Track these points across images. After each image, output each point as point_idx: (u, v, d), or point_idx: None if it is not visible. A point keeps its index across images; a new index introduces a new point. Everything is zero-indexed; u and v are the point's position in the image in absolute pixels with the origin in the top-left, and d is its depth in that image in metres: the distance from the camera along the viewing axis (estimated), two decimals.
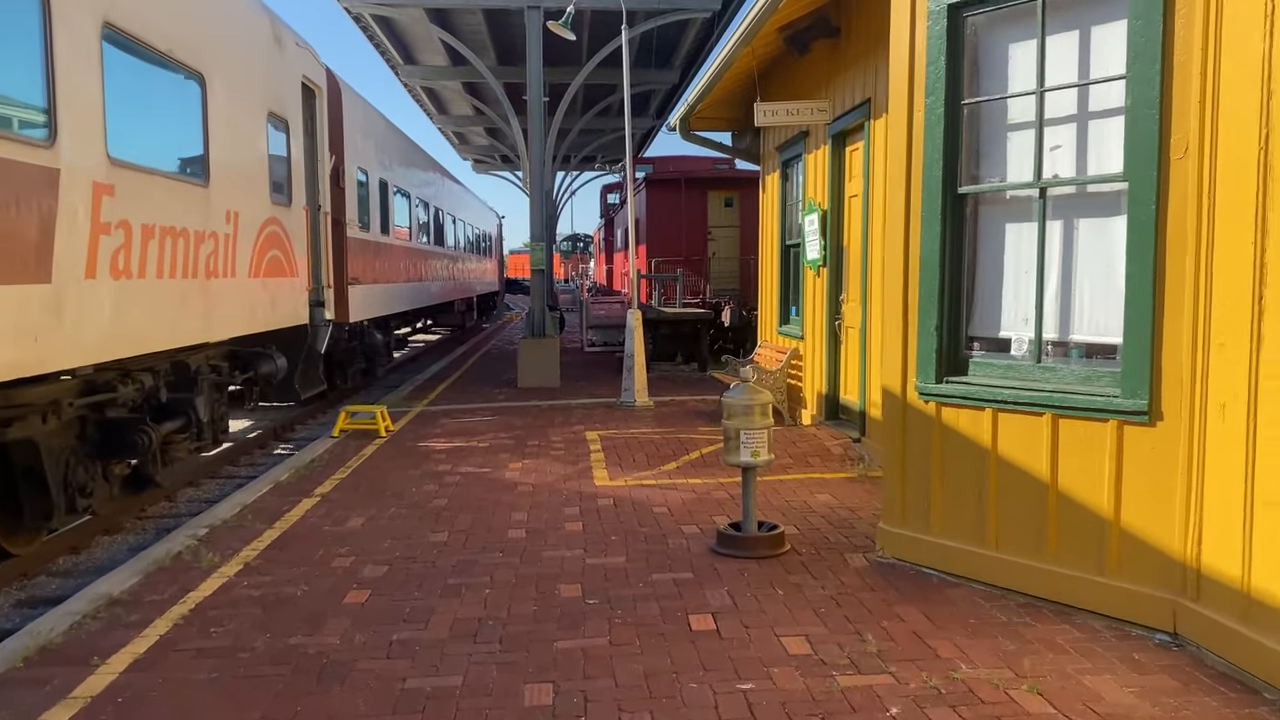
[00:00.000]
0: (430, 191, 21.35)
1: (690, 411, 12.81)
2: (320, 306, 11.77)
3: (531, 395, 14.80)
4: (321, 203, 11.72)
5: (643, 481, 8.49)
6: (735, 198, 21.88)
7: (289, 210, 10.22)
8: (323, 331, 11.80)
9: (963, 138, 5.64)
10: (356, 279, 13.57)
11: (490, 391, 15.33)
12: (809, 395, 11.33)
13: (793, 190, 12.35)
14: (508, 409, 13.30)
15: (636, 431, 11.15)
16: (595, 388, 15.62)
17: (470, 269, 29.66)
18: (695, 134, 13.98)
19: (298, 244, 10.47)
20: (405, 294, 17.81)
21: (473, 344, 26.47)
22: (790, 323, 12.40)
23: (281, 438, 12.78)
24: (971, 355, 5.69)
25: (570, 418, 12.40)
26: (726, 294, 21.19)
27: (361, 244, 14.06)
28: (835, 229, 10.39)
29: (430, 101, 26.66)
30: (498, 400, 14.31)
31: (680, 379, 16.76)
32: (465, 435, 11.15)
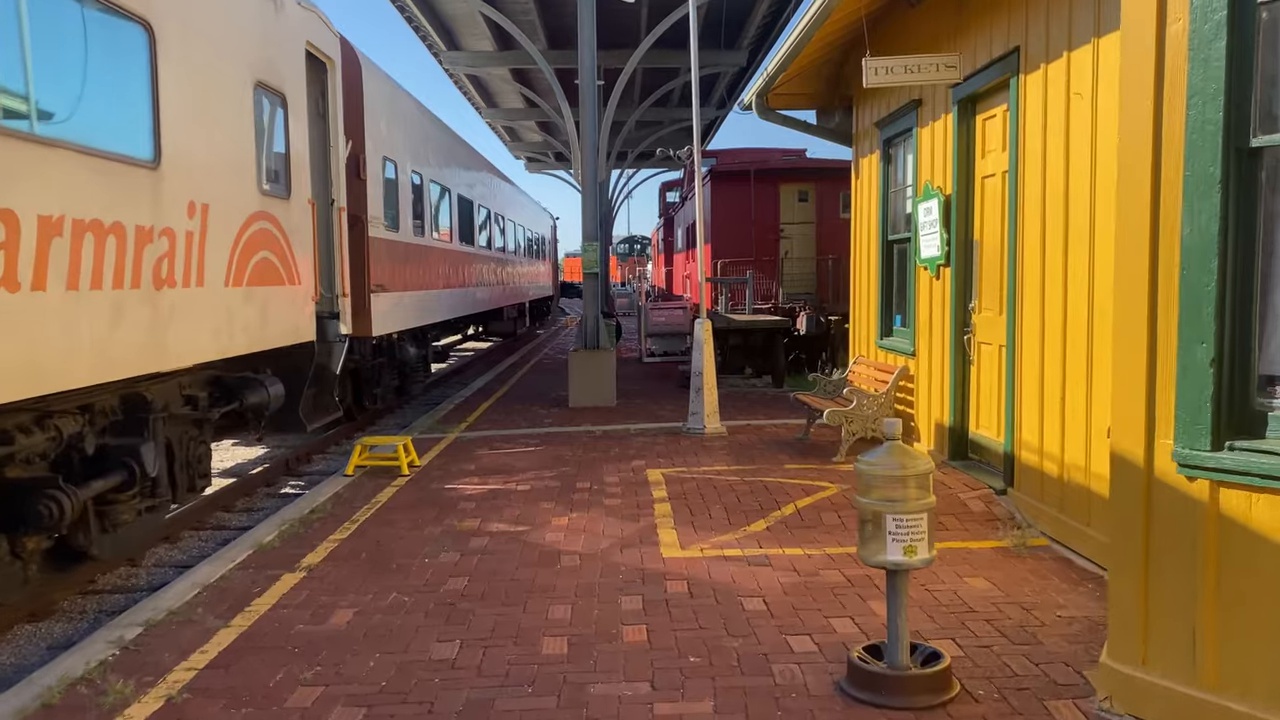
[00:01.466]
0: (476, 189, 19.54)
1: (770, 440, 10.73)
2: (334, 319, 9.94)
3: (583, 417, 12.85)
4: (335, 197, 9.89)
5: (724, 551, 6.45)
6: (810, 191, 19.72)
7: (288, 204, 8.39)
8: (337, 349, 9.97)
9: (1257, 61, 3.52)
10: (382, 286, 11.74)
11: (537, 412, 13.41)
12: (923, 426, 9.18)
13: (898, 174, 10.21)
14: (556, 436, 11.36)
15: (709, 469, 9.12)
16: (656, 407, 13.61)
17: (522, 273, 27.89)
18: (774, 112, 11.90)
19: (300, 245, 8.64)
20: (445, 302, 16.00)
21: (524, 353, 24.66)
22: (894, 335, 10.25)
23: (295, 471, 10.98)
24: (1272, 405, 3.56)
25: (628, 448, 10.41)
26: (801, 299, 19.05)
27: (389, 246, 12.23)
28: (962, 219, 8.26)
29: (478, 93, 24.93)
30: (545, 424, 12.37)
31: (752, 397, 14.67)
32: (503, 474, 9.22)
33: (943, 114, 8.60)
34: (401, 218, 12.87)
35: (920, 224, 9.01)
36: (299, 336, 8.59)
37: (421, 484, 8.88)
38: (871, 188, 10.86)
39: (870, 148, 10.90)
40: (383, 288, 11.71)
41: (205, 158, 6.81)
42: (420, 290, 13.93)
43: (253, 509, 9.34)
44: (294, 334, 8.48)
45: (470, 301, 18.62)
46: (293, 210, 8.49)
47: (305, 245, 8.80)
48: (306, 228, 8.86)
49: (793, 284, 19.32)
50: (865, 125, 11.10)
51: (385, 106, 12.28)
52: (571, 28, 16.69)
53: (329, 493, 8.58)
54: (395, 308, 12.48)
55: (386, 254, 12.00)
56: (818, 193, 19.66)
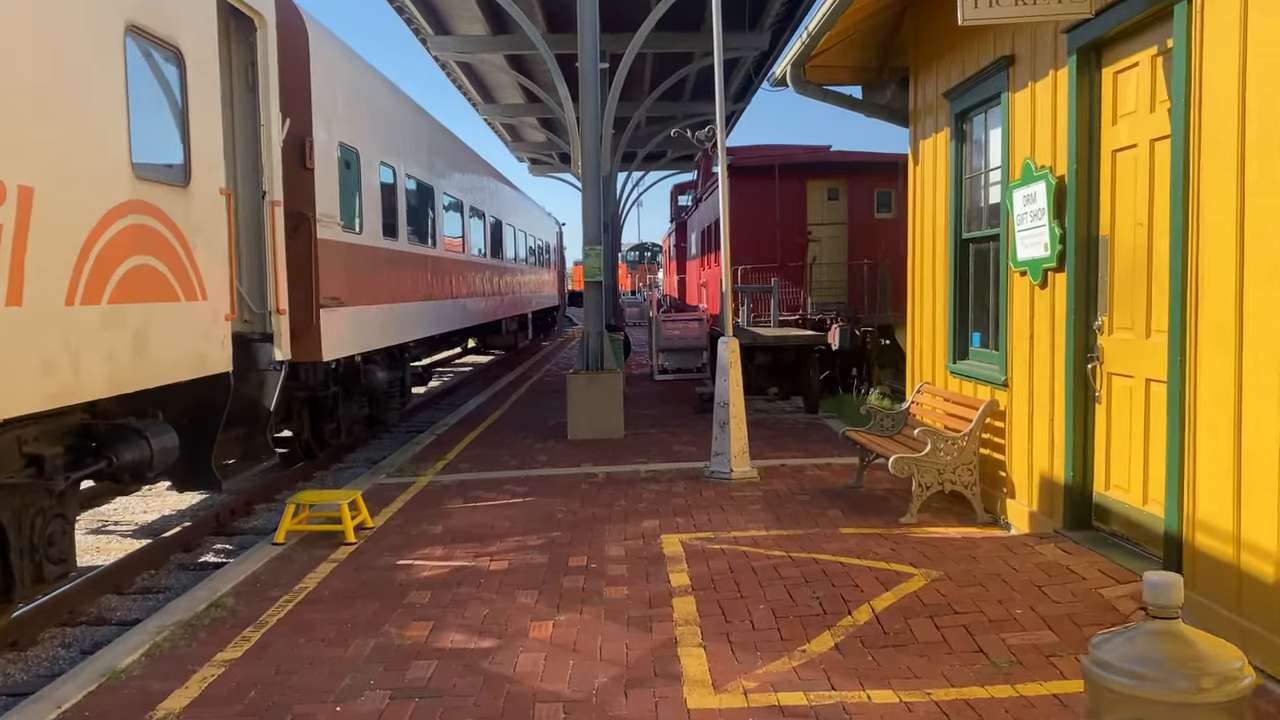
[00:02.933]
0: (468, 190, 17.51)
1: (813, 489, 8.62)
2: (265, 343, 7.88)
3: (585, 453, 10.77)
4: (268, 188, 7.85)
5: (780, 697, 4.33)
6: (841, 188, 17.63)
7: (185, 194, 6.35)
8: (271, 380, 7.92)
9: None
10: (337, 299, 9.69)
11: (531, 446, 11.33)
12: (1020, 480, 7.06)
13: (977, 155, 8.11)
14: (549, 481, 9.27)
15: (742, 536, 7.02)
16: (671, 440, 11.52)
17: (524, 282, 25.85)
18: (813, 86, 9.80)
19: (206, 248, 6.59)
20: (427, 316, 13.94)
21: (524, 369, 22.61)
22: (972, 358, 8.14)
23: (226, 527, 8.92)
24: None
25: (637, 500, 8.33)
26: (832, 309, 16.95)
27: (348, 251, 10.18)
28: (1083, 207, 6.16)
29: (473, 86, 22.94)
30: (538, 462, 10.29)
31: (782, 425, 12.56)
32: (476, 541, 7.15)
33: (1050, 70, 6.50)
34: (366, 218, 10.81)
35: (1017, 216, 6.90)
36: (204, 368, 6.53)
37: (367, 559, 6.81)
38: (938, 174, 8.76)
39: (936, 125, 8.80)
40: (338, 301, 9.65)
41: (20, 118, 4.76)
42: (392, 303, 11.86)
43: (154, 589, 7.28)
44: (195, 365, 6.42)
45: (460, 314, 16.56)
46: (195, 202, 6.44)
47: (216, 248, 6.75)
48: (219, 225, 6.82)
49: (822, 292, 17.22)
50: (928, 98, 9.00)
51: (344, 83, 10.24)
52: (572, 9, 14.67)
53: (242, 573, 6.51)
54: (356, 325, 10.42)
55: (344, 260, 9.94)
56: (849, 190, 17.56)
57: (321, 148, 9.34)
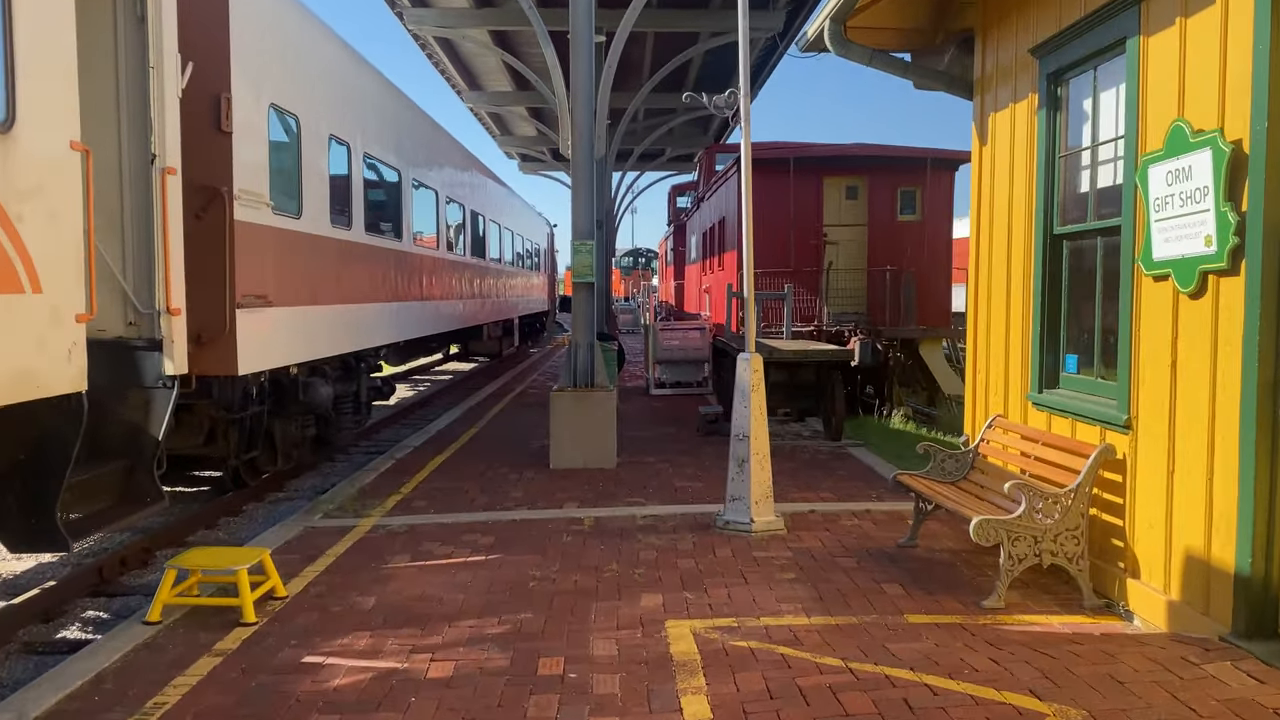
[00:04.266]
0: (447, 180, 15.66)
1: (857, 548, 6.80)
2: (151, 352, 6.02)
3: (569, 489, 8.93)
4: (157, 150, 5.98)
5: None
6: (861, 185, 15.83)
7: (4, 141, 4.48)
8: (159, 400, 6.06)
9: None
10: (263, 297, 7.81)
11: (504, 478, 9.48)
12: (1150, 552, 5.24)
13: (1077, 125, 6.30)
14: (522, 529, 7.43)
15: (777, 628, 5.19)
16: (673, 471, 9.69)
17: (511, 285, 23.98)
18: (856, 47, 7.99)
19: (39, 220, 4.73)
20: (392, 319, 12.07)
21: (508, 378, 20.74)
22: (1066, 386, 6.33)
23: (108, 585, 7.04)
24: None
25: (634, 562, 6.49)
26: (850, 320, 15.14)
27: (281, 239, 8.31)
28: (1275, 185, 4.35)
29: (457, 70, 21.09)
30: (511, 501, 8.45)
31: (801, 455, 10.73)
32: (414, 627, 5.30)
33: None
34: (309, 200, 8.93)
35: (1155, 201, 5.10)
36: (29, 389, 4.65)
37: (264, 652, 4.95)
38: (1016, 154, 6.95)
39: (1015, 92, 6.99)
40: (263, 300, 7.77)
41: None
42: (343, 304, 9.98)
43: None
44: (13, 385, 4.55)
45: (434, 318, 14.69)
46: (21, 156, 4.58)
47: (61, 222, 4.88)
48: (67, 192, 4.95)
49: (840, 301, 15.41)
50: (1003, 59, 7.20)
51: (282, 32, 8.37)
52: None
53: (82, 674, 4.66)
54: (291, 330, 8.53)
55: (274, 250, 8.06)
56: (870, 188, 15.77)
57: (245, 108, 7.47)
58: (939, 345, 15.23)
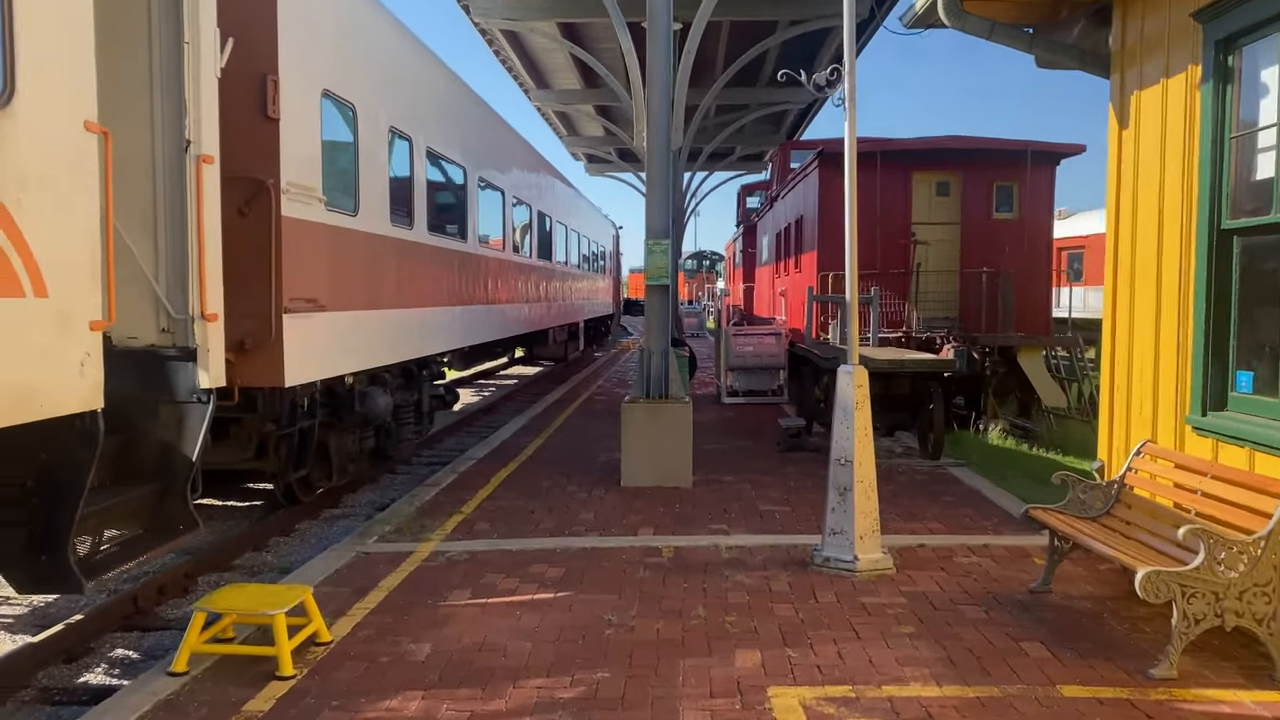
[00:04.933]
0: (513, 179, 15.01)
1: (980, 591, 5.89)
2: (183, 362, 5.37)
3: (643, 511, 8.13)
4: (192, 135, 5.34)
5: None
6: (953, 181, 14.78)
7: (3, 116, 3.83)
8: (193, 417, 5.42)
9: None
10: (314, 300, 7.15)
11: (572, 496, 8.72)
12: None
13: (1254, 99, 5.32)
14: (594, 559, 6.65)
15: (904, 700, 4.33)
16: (756, 493, 8.84)
17: (576, 289, 23.33)
18: (973, 19, 7.06)
19: (45, 212, 4.07)
20: (455, 324, 11.41)
21: (574, 384, 20.03)
22: (1239, 408, 5.35)
23: (142, 617, 6.43)
24: None
25: (722, 606, 5.67)
26: (941, 325, 14.12)
27: (334, 237, 7.65)
28: None
29: (525, 68, 20.48)
30: (580, 524, 7.69)
31: (897, 475, 9.79)
32: (473, 686, 4.55)
33: None
34: (365, 196, 8.27)
35: None
36: (30, 409, 3.99)
37: (300, 717, 4.24)
38: (1171, 137, 5.98)
39: (1169, 65, 6.01)
40: (315, 304, 7.11)
41: None
42: (402, 308, 9.32)
43: None
44: (12, 405, 3.89)
45: (499, 323, 14.04)
46: (23, 135, 3.93)
47: (74, 214, 4.24)
48: (80, 179, 4.30)
49: (929, 305, 14.39)
50: (1153, 27, 6.22)
51: (331, 10, 7.70)
52: None
53: None
54: (346, 336, 7.87)
55: (327, 249, 7.40)
56: (964, 184, 14.72)
57: (294, 92, 6.81)
58: (1039, 354, 14.12)
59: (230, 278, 5.98)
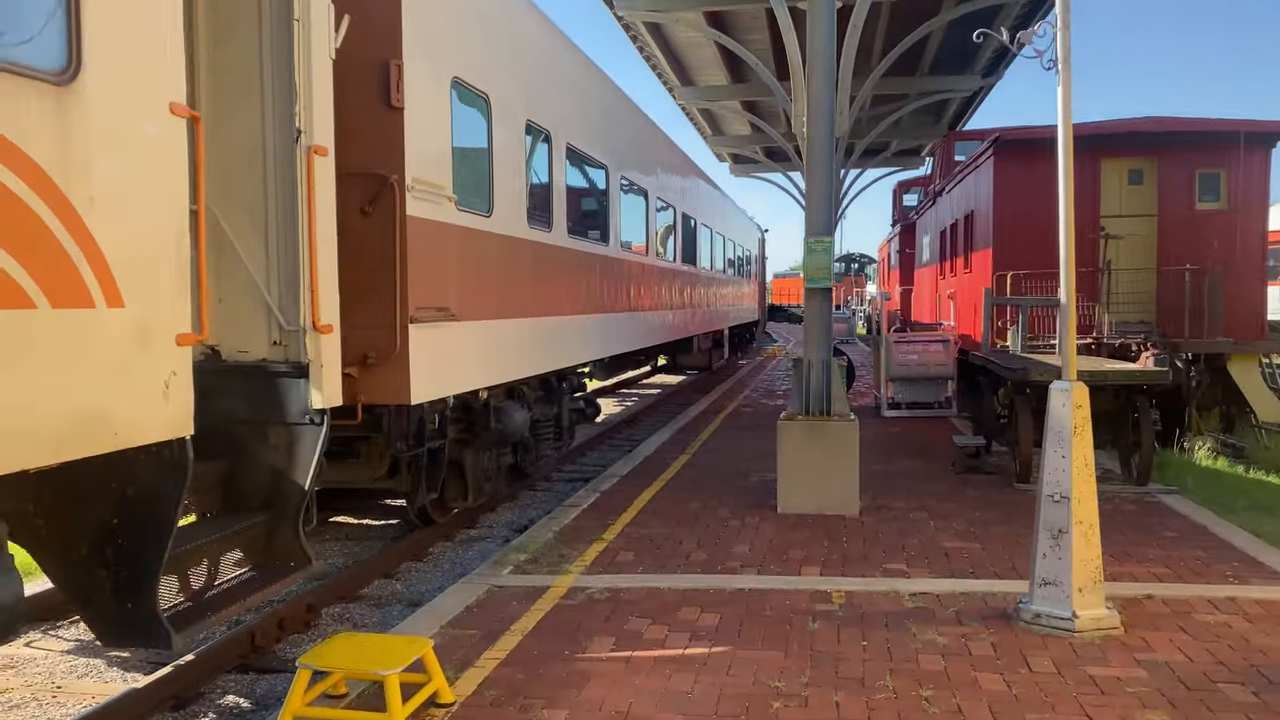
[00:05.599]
0: (657, 179, 14.30)
1: (1237, 661, 4.70)
2: (296, 379, 4.80)
3: (805, 544, 7.18)
4: (303, 125, 4.76)
5: None
6: (1148, 169, 13.16)
7: (61, 96, 3.25)
8: (305, 440, 4.85)
9: None
10: (445, 309, 6.53)
11: (724, 523, 7.85)
12: None
13: None
14: (753, 603, 5.75)
15: None
16: (935, 523, 7.74)
17: (721, 294, 22.46)
18: None
19: (107, 207, 3.48)
20: (596, 333, 10.74)
21: (719, 394, 19.14)
22: None
23: (263, 656, 5.91)
24: None
25: (915, 675, 4.68)
26: (1137, 331, 12.55)
27: (467, 240, 7.03)
28: None
29: (669, 64, 19.77)
30: (734, 559, 6.81)
31: (1101, 503, 8.44)
32: None
33: None
34: (499, 195, 7.63)
35: None
36: (99, 439, 3.41)
37: None
38: None
39: None
40: (444, 313, 6.49)
41: None
42: (540, 317, 8.66)
43: None
44: (81, 434, 3.32)
45: (642, 331, 13.32)
46: (88, 116, 3.35)
47: (157, 211, 3.66)
48: (165, 169, 3.73)
49: (1122, 308, 12.82)
50: None
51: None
52: None
53: None
54: (478, 348, 7.23)
55: (458, 253, 6.77)
56: (1161, 171, 13.07)
57: (420, 79, 6.20)
58: (1254, 362, 12.37)
59: (352, 285, 5.40)
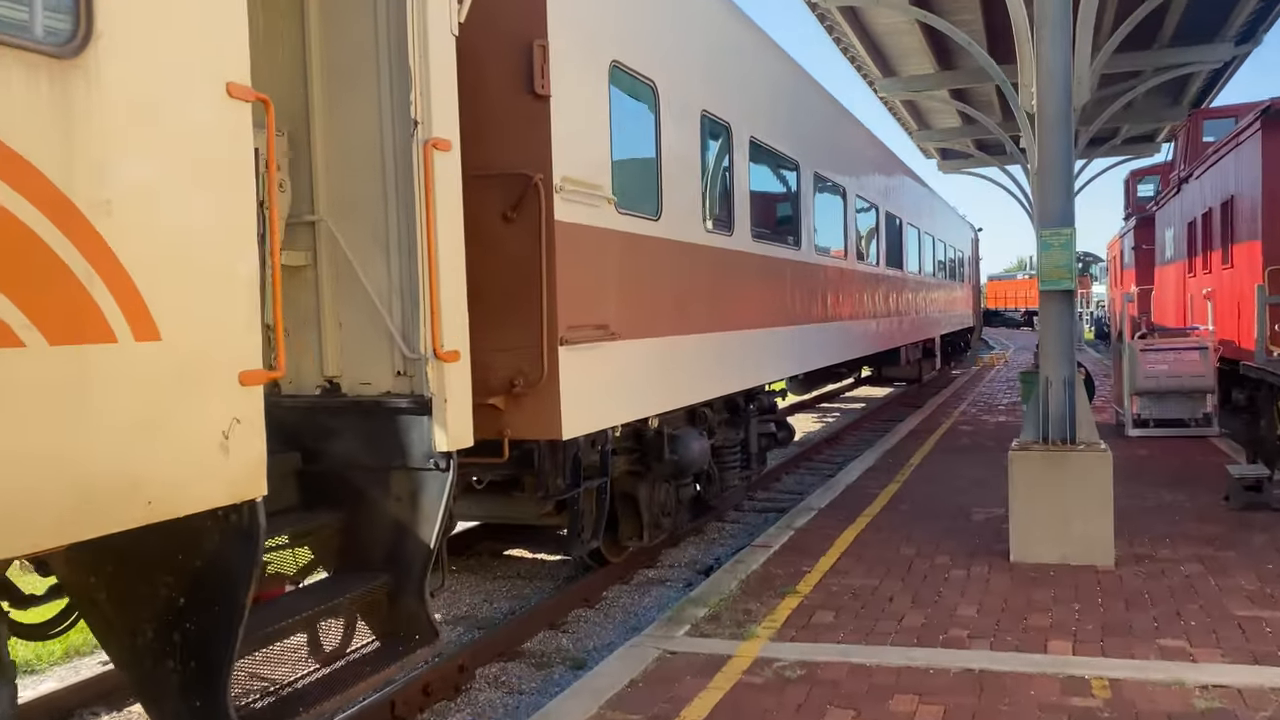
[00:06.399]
0: (854, 175, 13.01)
1: None
2: (419, 416, 4.03)
3: (1049, 607, 5.80)
4: (420, 115, 3.98)
5: None
6: None
7: (66, 72, 2.54)
8: (430, 489, 4.07)
9: None
10: (605, 327, 5.63)
11: (943, 575, 6.57)
12: None
13: None
14: (986, 693, 4.51)
15: None
16: (1217, 580, 6.15)
17: (931, 300, 20.70)
18: None
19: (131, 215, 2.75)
20: (787, 348, 9.62)
21: (932, 409, 17.46)
22: None
23: None
24: None
25: None
26: None
27: (632, 247, 6.11)
28: None
29: (870, 56, 18.36)
30: (958, 626, 5.55)
31: None
32: None
33: None
34: (669, 195, 6.68)
35: None
36: (131, 509, 2.68)
37: None
38: None
39: None
40: (604, 331, 5.59)
41: None
42: (721, 331, 7.64)
43: None
44: (105, 503, 2.59)
45: (840, 343, 12.07)
46: (102, 96, 2.63)
47: (202, 218, 2.92)
48: (215, 164, 2.99)
49: None
50: None
51: None
52: None
53: None
54: (646, 369, 6.29)
55: (617, 261, 5.85)
56: None
57: (570, 63, 5.34)
58: None
59: (498, 303, 4.61)
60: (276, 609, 3.87)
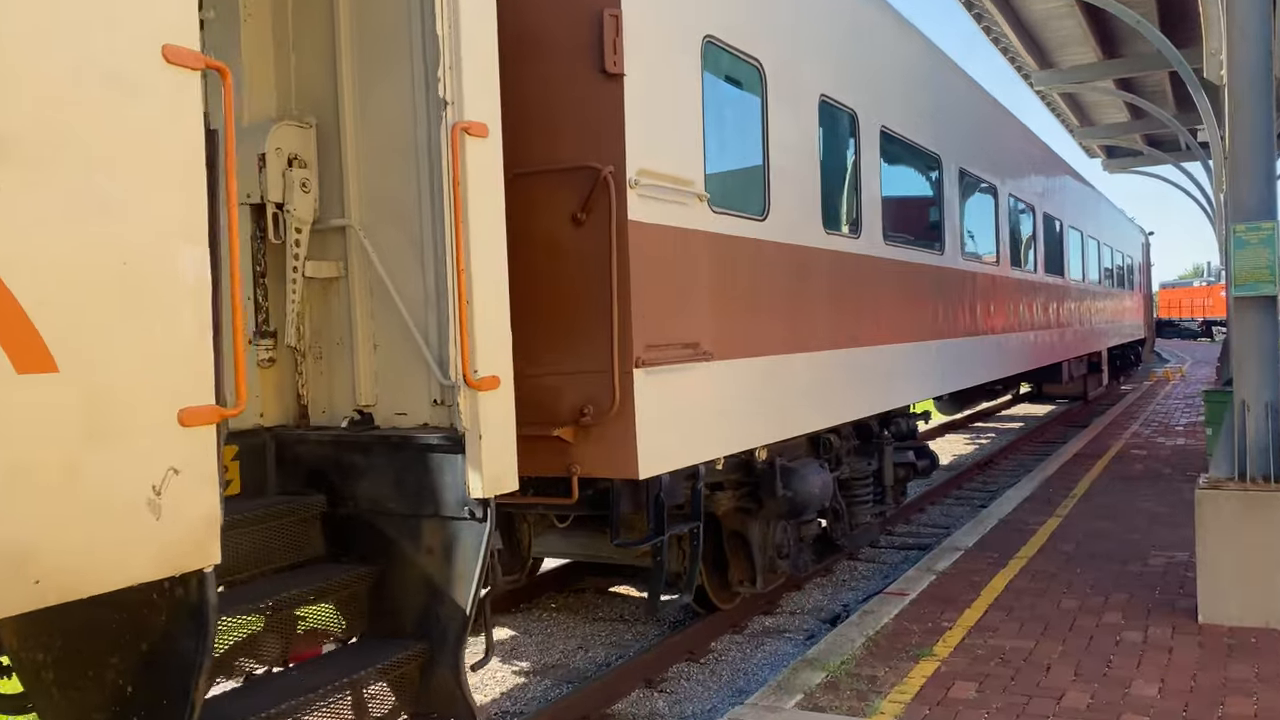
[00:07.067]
0: (1007, 171, 11.78)
1: None
2: (451, 453, 3.37)
3: (1251, 688, 4.65)
4: (451, 95, 3.33)
5: None
6: None
7: None
8: (465, 541, 3.40)
9: None
10: (696, 346, 4.84)
11: (1112, 637, 5.47)
12: None
13: None
14: None
15: None
16: None
17: (1097, 309, 18.93)
18: None
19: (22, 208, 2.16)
20: (925, 364, 8.57)
21: (1099, 430, 15.79)
22: None
23: None
24: None
25: None
26: None
27: (722, 251, 5.28)
28: None
29: (1025, 47, 16.91)
30: (1130, 708, 4.48)
31: None
32: None
33: None
34: (777, 192, 5.81)
35: None
36: (19, 590, 2.08)
37: None
38: None
39: None
40: (694, 350, 4.79)
41: None
42: (845, 348, 6.71)
43: None
44: None
45: (991, 358, 10.85)
46: None
47: (119, 216, 2.32)
48: (137, 145, 2.39)
49: None
50: None
51: None
52: None
53: None
54: (748, 393, 5.43)
55: (709, 269, 5.02)
56: None
57: (649, 36, 4.57)
58: None
59: (566, 318, 3.94)
60: (286, 681, 3.28)
